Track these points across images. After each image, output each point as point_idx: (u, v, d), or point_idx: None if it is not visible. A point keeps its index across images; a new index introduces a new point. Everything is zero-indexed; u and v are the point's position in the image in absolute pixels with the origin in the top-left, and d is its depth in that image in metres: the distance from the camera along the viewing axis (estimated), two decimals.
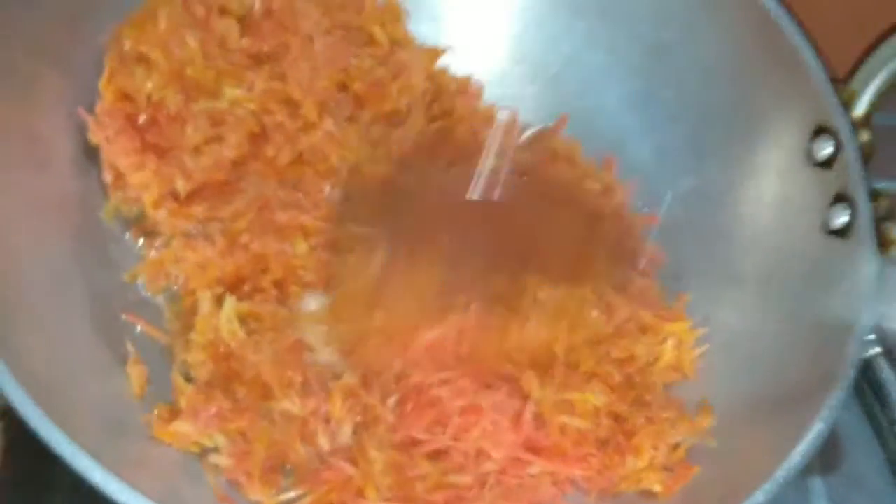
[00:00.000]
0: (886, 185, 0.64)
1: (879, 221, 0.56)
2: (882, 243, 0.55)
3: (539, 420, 0.54)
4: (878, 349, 0.65)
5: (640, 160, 0.64)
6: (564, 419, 0.54)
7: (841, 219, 0.56)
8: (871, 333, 0.61)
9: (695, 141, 0.63)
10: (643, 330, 0.58)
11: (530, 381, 0.54)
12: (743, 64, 0.61)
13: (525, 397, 0.54)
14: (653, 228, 0.63)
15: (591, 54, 0.65)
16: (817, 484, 0.62)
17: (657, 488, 0.54)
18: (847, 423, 0.64)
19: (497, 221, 0.60)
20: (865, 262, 0.55)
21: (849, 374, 0.54)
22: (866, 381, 0.64)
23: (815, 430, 0.52)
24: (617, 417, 0.55)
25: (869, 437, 0.64)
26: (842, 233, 0.56)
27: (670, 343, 0.58)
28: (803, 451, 0.52)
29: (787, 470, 0.51)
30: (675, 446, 0.55)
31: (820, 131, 0.58)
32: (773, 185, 0.60)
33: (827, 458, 0.63)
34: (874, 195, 0.56)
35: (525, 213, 0.60)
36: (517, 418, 0.54)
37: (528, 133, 0.65)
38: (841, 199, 0.57)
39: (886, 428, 0.64)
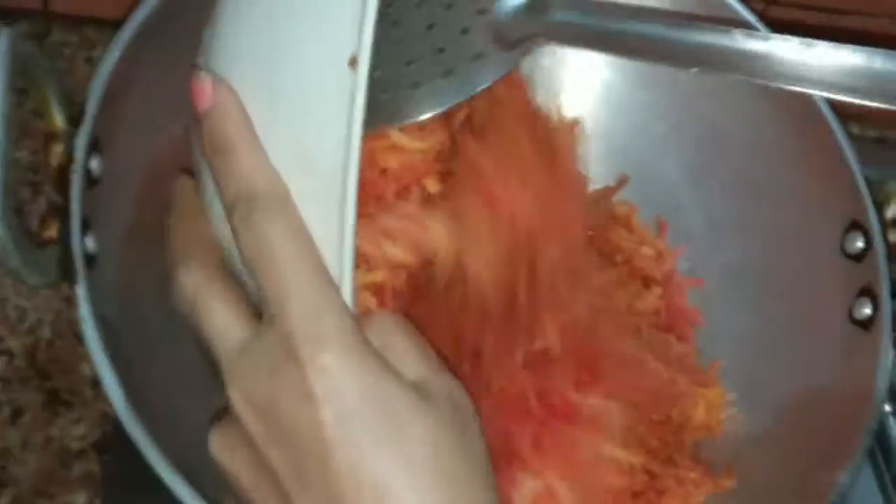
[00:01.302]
0: None
1: None
2: None
3: None
4: (888, 408, 0.72)
5: (690, 229, 0.71)
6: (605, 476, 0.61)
7: (865, 311, 0.63)
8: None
9: (742, 217, 0.70)
10: (679, 394, 0.65)
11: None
12: (790, 154, 0.67)
13: None
14: (696, 293, 0.70)
15: (656, 126, 0.72)
16: None
17: None
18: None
19: None
20: (883, 355, 0.61)
21: (863, 449, 0.60)
22: (876, 440, 0.72)
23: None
24: (649, 474, 0.62)
25: (875, 493, 0.72)
26: (864, 324, 0.63)
27: (702, 406, 0.65)
28: None
29: None
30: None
31: (853, 226, 0.64)
32: (806, 269, 0.67)
33: None
34: None
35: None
36: None
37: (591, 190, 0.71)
38: (866, 293, 0.63)
39: (892, 485, 0.71)
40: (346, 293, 0.43)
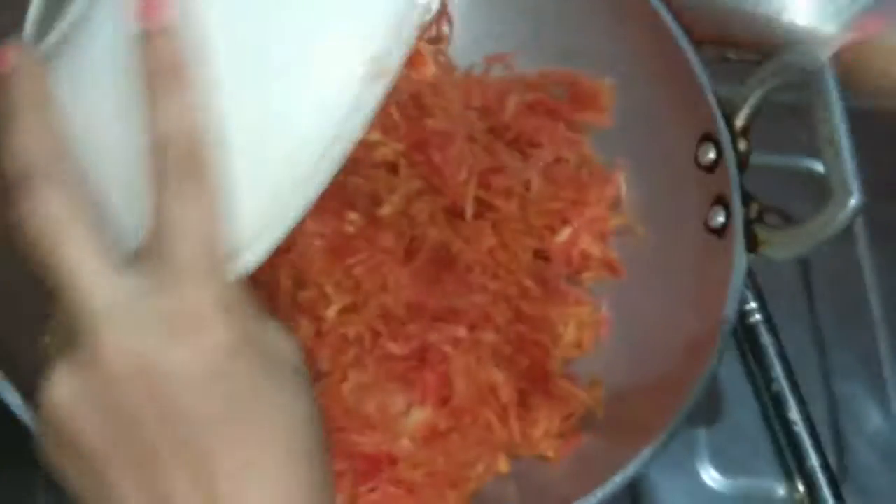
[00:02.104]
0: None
1: (750, 223, 0.64)
2: (751, 243, 0.64)
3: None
4: (759, 317, 0.75)
5: None
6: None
7: (719, 219, 0.65)
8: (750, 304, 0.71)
9: (604, 137, 0.72)
10: (547, 316, 0.67)
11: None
12: (646, 77, 0.69)
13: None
14: None
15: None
16: (701, 435, 0.72)
17: (550, 454, 0.64)
18: (729, 380, 0.73)
19: None
20: (737, 259, 0.64)
21: (720, 348, 0.62)
22: (748, 344, 0.74)
23: (690, 397, 0.61)
24: (520, 391, 0.64)
25: (748, 392, 0.74)
26: (719, 232, 0.65)
27: (572, 325, 0.67)
28: (682, 414, 0.61)
29: (668, 432, 0.61)
30: (568, 416, 0.65)
31: (705, 138, 0.66)
32: (666, 184, 0.69)
33: (710, 411, 0.73)
34: (747, 199, 0.65)
35: None
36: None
37: None
38: (720, 201, 0.65)
39: (763, 385, 0.74)
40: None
